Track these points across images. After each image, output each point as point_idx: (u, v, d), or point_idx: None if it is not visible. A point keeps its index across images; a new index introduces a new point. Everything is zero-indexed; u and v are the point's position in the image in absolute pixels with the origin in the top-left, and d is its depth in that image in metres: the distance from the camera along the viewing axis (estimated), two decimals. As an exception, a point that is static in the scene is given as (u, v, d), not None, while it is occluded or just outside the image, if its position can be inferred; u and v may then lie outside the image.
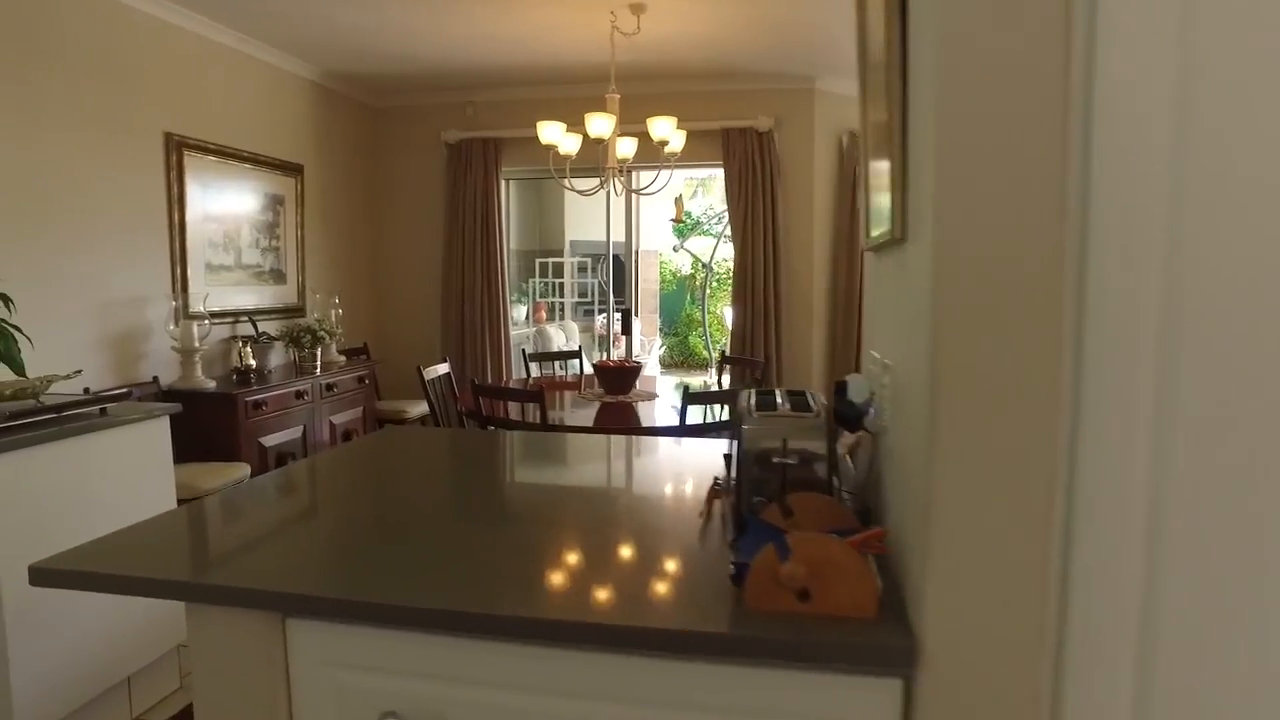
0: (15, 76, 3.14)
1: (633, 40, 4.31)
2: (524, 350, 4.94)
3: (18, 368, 2.56)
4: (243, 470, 3.58)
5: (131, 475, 2.58)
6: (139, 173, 3.75)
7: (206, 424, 3.71)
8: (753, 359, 5.05)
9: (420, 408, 5.32)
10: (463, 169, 5.61)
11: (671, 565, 1.27)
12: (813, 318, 5.57)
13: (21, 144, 3.17)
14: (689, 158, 4.91)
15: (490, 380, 5.61)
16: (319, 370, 4.42)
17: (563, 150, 4.04)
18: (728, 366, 5.08)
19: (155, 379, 3.75)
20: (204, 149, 4.10)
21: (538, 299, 8.34)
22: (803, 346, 5.52)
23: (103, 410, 2.56)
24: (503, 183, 5.69)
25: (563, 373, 5.18)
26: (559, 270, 8.56)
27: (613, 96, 3.94)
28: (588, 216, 8.75)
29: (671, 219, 8.05)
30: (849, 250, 5.54)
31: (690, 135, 4.41)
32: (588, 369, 5.17)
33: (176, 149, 3.91)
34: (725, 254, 9.90)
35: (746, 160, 5.33)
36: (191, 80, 4.07)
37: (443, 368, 4.43)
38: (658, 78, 5.18)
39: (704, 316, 8.73)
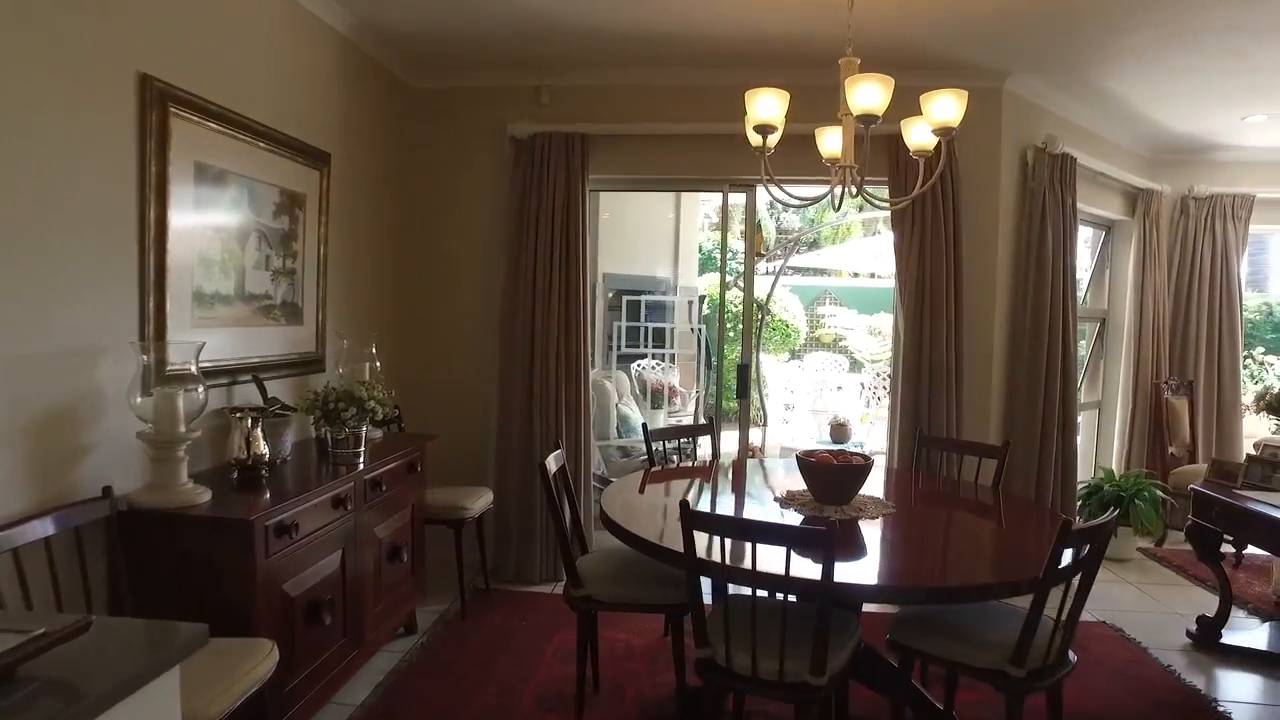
0: None
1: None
2: (645, 425, 3.48)
3: None
4: (266, 661, 2.02)
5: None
6: (95, 137, 2.20)
7: (198, 568, 2.14)
8: (979, 443, 3.65)
9: (481, 501, 3.79)
10: (535, 172, 4.16)
11: None
12: (991, 386, 4.28)
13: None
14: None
15: (568, 459, 4.11)
16: (362, 460, 2.88)
17: (769, 140, 2.64)
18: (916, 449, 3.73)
19: (106, 491, 2.16)
20: (202, 109, 2.57)
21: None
22: (979, 424, 4.21)
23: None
24: (588, 193, 4.25)
25: (681, 456, 3.74)
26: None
27: (851, 60, 2.60)
28: (625, 245, 7.34)
29: (758, 252, 6.74)
30: (1036, 298, 4.28)
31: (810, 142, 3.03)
32: (698, 445, 3.75)
33: (158, 104, 2.37)
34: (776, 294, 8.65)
35: (923, 169, 4.04)
36: (181, 2, 2.55)
37: (560, 455, 2.96)
38: (802, 66, 3.80)
39: (734, 365, 7.36)
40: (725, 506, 2.98)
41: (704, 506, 2.94)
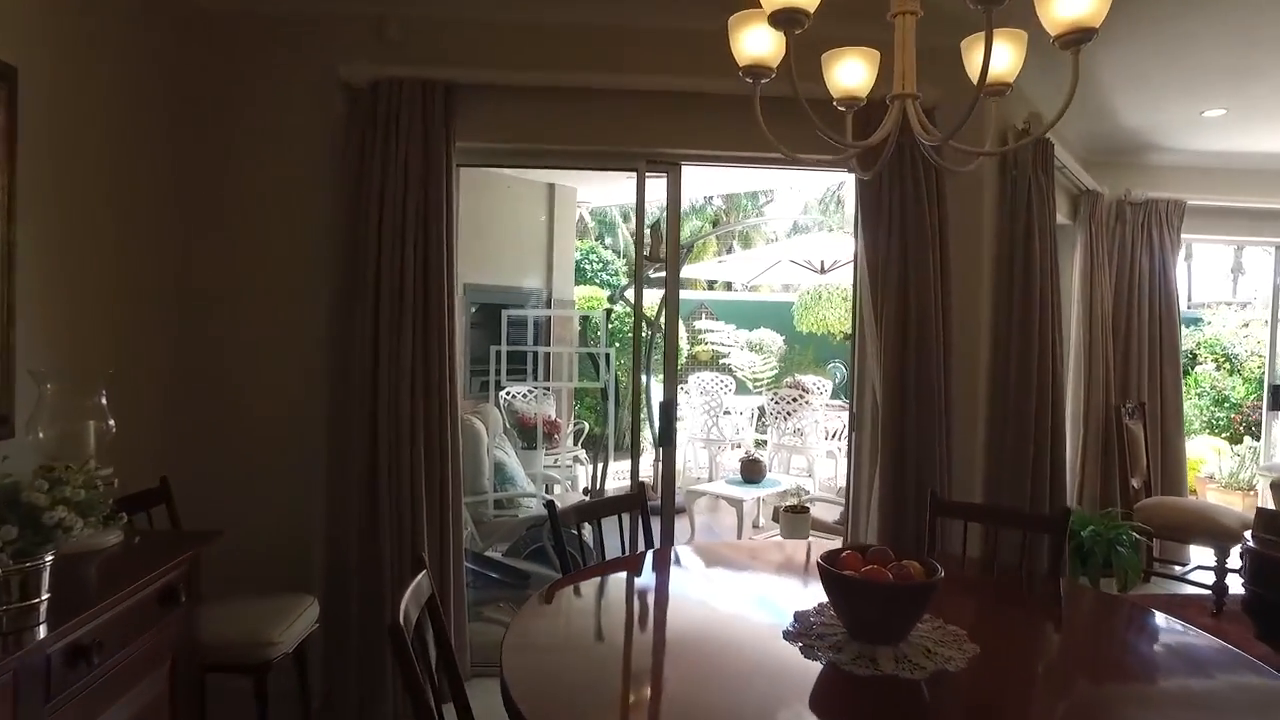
0: None
1: None
2: (552, 504, 2.28)
3: None
4: None
5: None
6: None
7: None
8: (1025, 511, 2.72)
9: (300, 621, 2.48)
10: (380, 134, 2.90)
11: None
12: (977, 427, 3.42)
13: None
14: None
15: (435, 550, 2.87)
16: (43, 618, 1.53)
17: (758, 53, 1.59)
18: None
19: None
20: None
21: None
22: (964, 460, 3.34)
23: None
24: (455, 167, 3.04)
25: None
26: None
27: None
28: (485, 247, 6.08)
29: (646, 256, 5.69)
30: (1024, 311, 3.49)
31: (784, 106, 1.69)
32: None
33: None
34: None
35: (897, 152, 3.14)
36: None
37: (421, 589, 1.75)
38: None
39: (628, 392, 6.31)
40: (702, 648, 1.86)
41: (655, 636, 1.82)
